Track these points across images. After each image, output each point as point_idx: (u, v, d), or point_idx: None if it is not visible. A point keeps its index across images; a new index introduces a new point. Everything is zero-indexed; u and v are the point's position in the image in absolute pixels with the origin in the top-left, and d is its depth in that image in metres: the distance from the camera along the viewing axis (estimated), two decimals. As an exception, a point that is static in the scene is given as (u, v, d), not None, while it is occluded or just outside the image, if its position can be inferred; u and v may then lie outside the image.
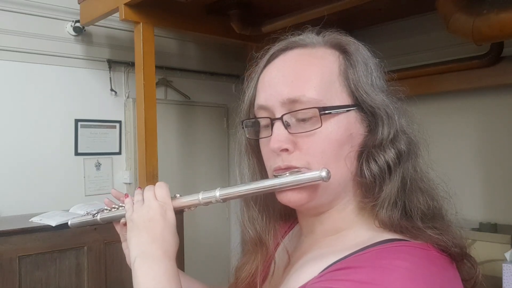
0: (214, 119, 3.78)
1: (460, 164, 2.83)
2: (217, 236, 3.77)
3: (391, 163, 0.65)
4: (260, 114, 0.70)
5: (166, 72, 3.39)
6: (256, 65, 0.75)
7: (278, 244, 0.80)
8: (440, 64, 2.76)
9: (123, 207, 0.84)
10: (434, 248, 0.60)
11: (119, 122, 3.22)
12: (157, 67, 2.60)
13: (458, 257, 0.63)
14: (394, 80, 0.72)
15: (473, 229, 2.57)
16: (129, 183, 3.21)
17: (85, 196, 3.02)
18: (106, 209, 0.89)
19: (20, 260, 2.18)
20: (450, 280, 0.60)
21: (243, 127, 0.75)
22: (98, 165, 3.11)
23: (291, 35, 0.73)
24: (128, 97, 3.23)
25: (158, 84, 3.18)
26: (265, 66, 0.72)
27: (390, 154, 0.65)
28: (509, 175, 2.68)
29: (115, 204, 0.88)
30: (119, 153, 3.22)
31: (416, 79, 2.76)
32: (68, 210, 2.61)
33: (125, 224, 0.82)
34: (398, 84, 0.72)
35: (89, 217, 0.91)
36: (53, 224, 2.28)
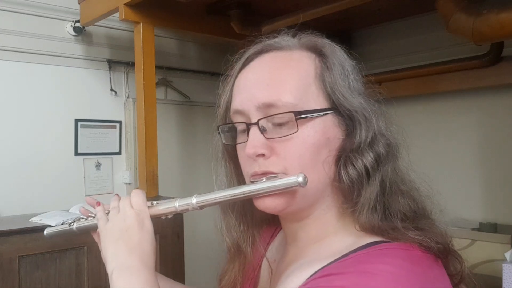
0: (214, 119, 3.77)
1: (460, 164, 2.83)
2: (217, 236, 3.76)
3: (369, 167, 0.64)
4: (236, 118, 0.69)
5: (166, 72, 3.39)
6: (232, 69, 0.74)
7: (264, 252, 0.79)
8: (440, 64, 2.76)
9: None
10: (417, 248, 0.60)
11: (119, 122, 3.22)
12: (157, 67, 2.60)
13: (442, 254, 0.63)
14: (372, 82, 0.71)
15: (473, 229, 2.57)
16: (129, 183, 3.21)
17: (85, 196, 3.01)
18: (83, 218, 0.86)
19: (20, 260, 2.18)
20: (435, 278, 0.60)
21: (219, 132, 0.74)
22: (98, 165, 3.11)
23: (267, 37, 0.72)
24: (128, 97, 3.22)
25: (158, 84, 3.18)
26: (240, 69, 0.72)
27: (368, 158, 0.64)
28: (509, 175, 2.68)
29: (91, 213, 0.85)
30: (119, 153, 3.22)
31: (416, 79, 2.76)
32: (68, 210, 2.61)
33: None
34: (375, 86, 0.71)
35: (65, 227, 0.88)
36: (53, 224, 2.28)
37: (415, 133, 0.87)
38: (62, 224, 0.90)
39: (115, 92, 3.17)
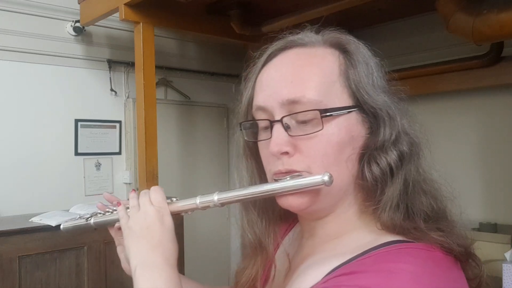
0: (214, 119, 3.78)
1: (460, 164, 2.83)
2: (217, 236, 3.77)
3: (393, 165, 0.63)
4: (259, 115, 0.68)
5: (166, 72, 3.39)
6: (254, 65, 0.72)
7: (278, 246, 0.79)
8: (440, 64, 2.76)
9: (117, 211, 0.82)
10: (438, 249, 0.60)
11: (119, 122, 3.22)
12: (157, 67, 2.60)
13: (462, 257, 0.62)
14: (395, 80, 0.70)
15: (473, 229, 2.57)
16: (129, 183, 3.21)
17: (85, 196, 3.02)
18: (100, 213, 0.87)
19: (20, 260, 2.18)
20: (454, 280, 0.59)
21: (241, 129, 0.73)
22: (98, 165, 3.11)
23: (290, 34, 0.71)
24: (128, 97, 3.23)
25: (158, 84, 3.18)
26: (263, 66, 0.70)
27: (392, 156, 0.63)
28: (509, 175, 2.67)
29: (109, 208, 0.86)
30: (119, 153, 3.22)
31: (416, 79, 2.76)
32: (68, 210, 2.61)
33: (119, 229, 0.80)
34: (399, 83, 0.70)
35: (82, 221, 0.88)
36: (53, 224, 2.28)
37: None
38: (79, 218, 0.90)
39: (115, 92, 3.17)
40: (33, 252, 2.22)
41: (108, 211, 0.85)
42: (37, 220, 2.37)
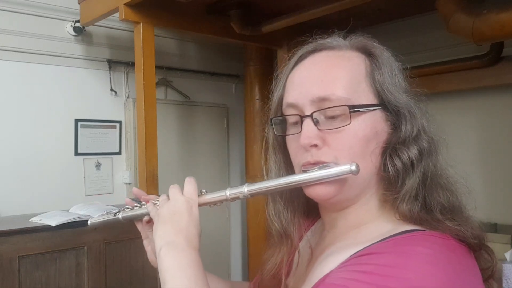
0: (214, 119, 3.78)
1: (460, 164, 2.83)
2: (217, 236, 3.77)
3: (414, 159, 0.68)
4: (289, 112, 0.73)
5: (166, 72, 3.39)
6: (285, 66, 0.78)
7: (301, 238, 0.83)
8: (440, 64, 2.76)
9: (145, 205, 0.87)
10: (453, 238, 0.64)
11: (119, 122, 3.22)
12: (157, 67, 2.59)
13: (476, 247, 0.66)
14: (415, 82, 0.76)
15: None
16: (129, 183, 3.21)
17: (85, 196, 3.02)
18: (128, 208, 0.91)
19: (20, 260, 2.18)
20: (468, 267, 0.63)
21: (271, 124, 0.78)
22: (98, 165, 3.11)
23: (319, 38, 0.77)
24: (128, 97, 3.23)
25: (158, 84, 3.18)
26: (293, 66, 0.76)
27: (413, 151, 0.68)
28: (509, 175, 2.68)
29: (137, 203, 0.90)
30: (119, 153, 3.22)
31: (416, 79, 2.76)
32: (68, 210, 2.61)
33: (148, 222, 0.87)
34: (418, 86, 0.75)
35: (111, 216, 0.93)
36: (53, 224, 2.28)
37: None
38: (106, 213, 0.95)
39: (115, 92, 3.17)
40: (33, 252, 2.22)
41: (136, 206, 0.90)
42: (37, 220, 2.37)
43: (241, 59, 3.63)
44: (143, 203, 0.89)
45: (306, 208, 0.84)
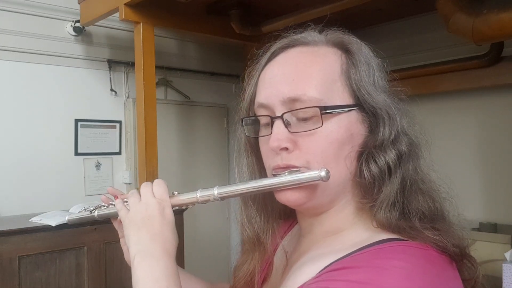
0: (214, 119, 3.78)
1: (460, 164, 2.83)
2: (217, 235, 3.77)
3: (391, 164, 0.64)
4: (260, 112, 0.69)
5: (166, 72, 3.39)
6: (257, 63, 0.74)
7: (277, 245, 0.79)
8: (440, 64, 2.76)
9: (113, 204, 0.85)
10: (432, 248, 0.60)
11: (119, 122, 3.22)
12: (157, 67, 2.60)
13: (457, 257, 0.62)
14: (396, 80, 0.71)
15: (473, 229, 2.57)
16: (129, 183, 3.21)
17: (85, 196, 3.02)
18: (104, 206, 0.89)
19: (20, 260, 2.18)
20: (448, 279, 0.59)
21: (242, 125, 0.74)
22: (98, 165, 3.11)
23: (293, 32, 0.72)
24: (128, 97, 3.23)
25: (158, 84, 3.18)
26: (266, 63, 0.72)
27: (390, 155, 0.64)
28: (509, 175, 2.68)
29: (112, 201, 0.88)
30: (119, 153, 3.22)
31: (416, 79, 2.76)
32: (68, 210, 2.61)
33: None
34: (399, 84, 0.71)
35: (87, 213, 0.92)
36: (53, 224, 2.28)
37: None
38: (83, 210, 0.93)
39: (115, 92, 3.17)
40: (33, 252, 2.22)
41: (112, 204, 0.88)
42: (37, 220, 2.37)
43: (241, 59, 3.63)
44: (111, 201, 0.86)
45: (282, 211, 0.80)
